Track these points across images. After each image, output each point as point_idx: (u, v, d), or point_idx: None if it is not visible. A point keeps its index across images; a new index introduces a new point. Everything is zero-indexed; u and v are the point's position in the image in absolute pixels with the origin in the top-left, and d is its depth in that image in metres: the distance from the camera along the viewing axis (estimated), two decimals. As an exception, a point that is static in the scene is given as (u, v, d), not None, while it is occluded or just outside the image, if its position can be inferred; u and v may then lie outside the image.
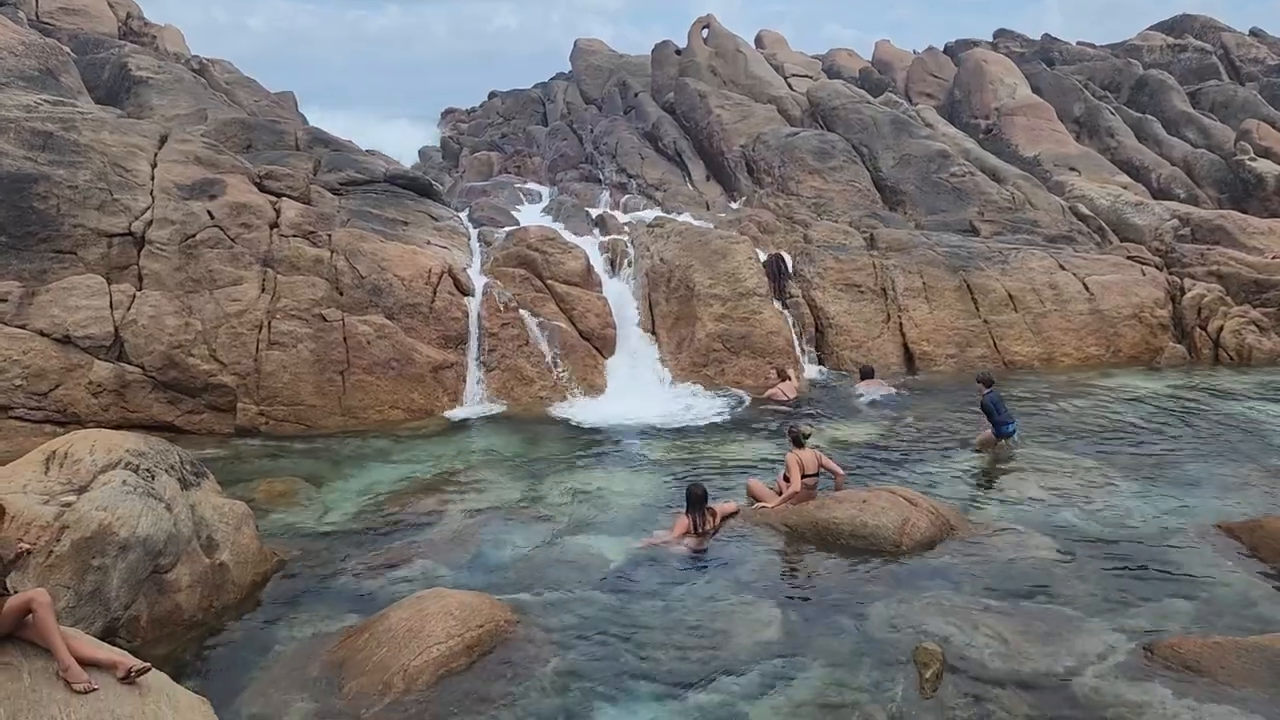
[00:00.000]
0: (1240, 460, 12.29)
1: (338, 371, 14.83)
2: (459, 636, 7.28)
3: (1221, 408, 14.86)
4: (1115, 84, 34.33)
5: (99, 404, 13.64)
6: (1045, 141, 28.69)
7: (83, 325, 13.77)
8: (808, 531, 9.92)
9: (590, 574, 9.13)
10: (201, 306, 14.56)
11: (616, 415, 14.93)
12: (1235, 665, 6.88)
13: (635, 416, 14.85)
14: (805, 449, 10.98)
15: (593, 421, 14.70)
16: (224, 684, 7.19)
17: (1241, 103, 31.89)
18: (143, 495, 8.00)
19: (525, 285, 16.75)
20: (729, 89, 32.50)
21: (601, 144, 33.16)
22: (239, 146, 20.77)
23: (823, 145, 27.27)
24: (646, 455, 13.07)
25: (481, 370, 15.81)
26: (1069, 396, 15.85)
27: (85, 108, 18.40)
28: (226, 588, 8.57)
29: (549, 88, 48.05)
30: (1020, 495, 11.10)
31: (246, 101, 28.57)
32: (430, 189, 21.29)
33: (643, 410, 15.15)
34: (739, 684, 7.05)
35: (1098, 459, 12.35)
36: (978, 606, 8.09)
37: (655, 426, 14.38)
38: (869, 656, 7.39)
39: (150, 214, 15.08)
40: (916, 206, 25.36)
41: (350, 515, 10.87)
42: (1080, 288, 19.00)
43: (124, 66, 24.64)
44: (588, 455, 13.09)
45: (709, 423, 14.65)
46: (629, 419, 14.72)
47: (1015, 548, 9.47)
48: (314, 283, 15.28)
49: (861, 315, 18.39)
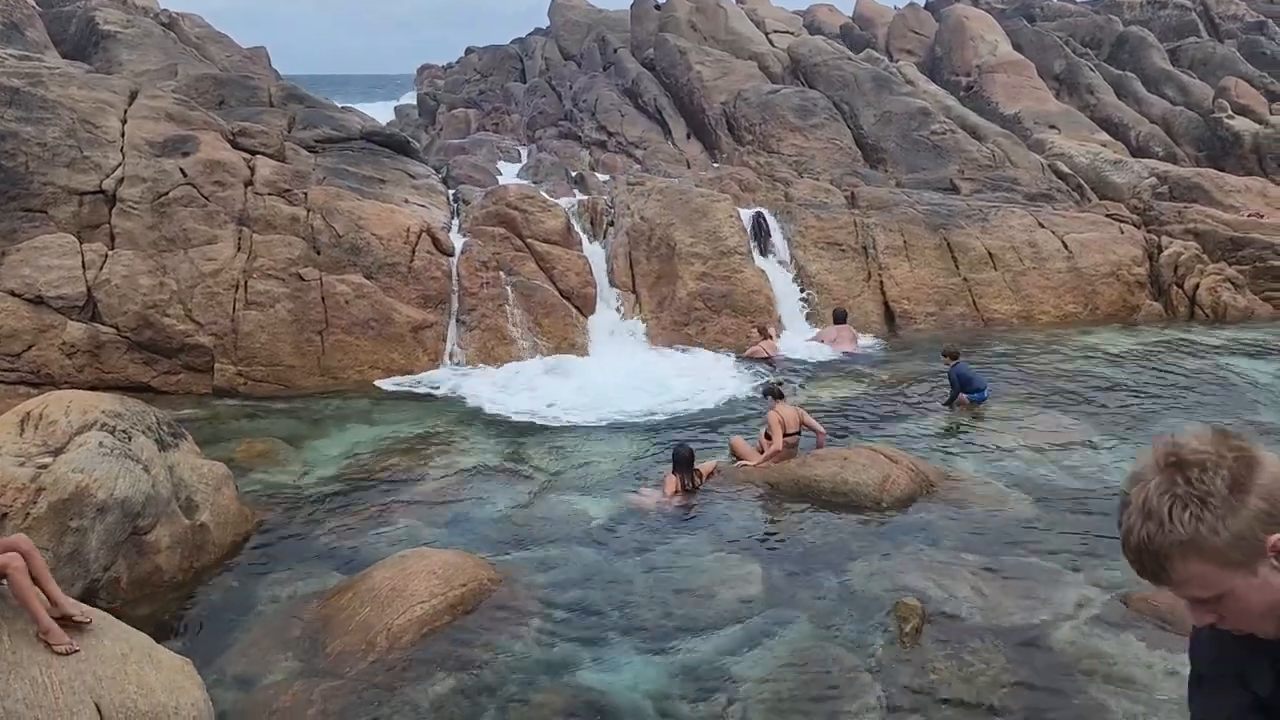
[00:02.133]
0: (1214, 415, 12.44)
1: (316, 331, 14.70)
2: (442, 595, 7.30)
3: (1197, 364, 15.01)
4: (1096, 40, 34.23)
5: (73, 365, 13.47)
6: (1025, 99, 28.61)
7: (55, 285, 13.56)
8: (789, 489, 9.98)
9: (573, 532, 9.17)
10: (176, 266, 14.36)
11: (597, 374, 14.90)
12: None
13: (616, 375, 14.83)
14: (787, 406, 11.02)
15: (572, 380, 14.66)
16: (206, 644, 7.19)
17: (1220, 60, 31.88)
18: (120, 457, 7.93)
19: (505, 244, 16.62)
20: (709, 45, 32.16)
21: (581, 101, 32.82)
22: (211, 103, 20.38)
23: (804, 103, 27.08)
24: (627, 414, 13.07)
25: (461, 330, 15.72)
26: (1047, 354, 15.96)
27: (53, 63, 17.99)
28: (207, 548, 8.54)
29: (527, 44, 47.43)
30: (999, 451, 11.19)
31: (218, 57, 28.01)
32: (407, 146, 21.02)
33: (623, 369, 15.13)
34: (722, 639, 7.11)
35: (1075, 415, 12.47)
36: (956, 561, 8.19)
37: (635, 385, 14.36)
38: (850, 611, 7.47)
39: (121, 172, 14.81)
40: (897, 164, 25.29)
41: (331, 475, 10.84)
42: (1059, 246, 19.05)
43: (91, 20, 24.06)
44: (569, 414, 13.07)
45: (689, 382, 14.64)
46: (609, 377, 14.69)
47: (993, 503, 9.57)
48: (290, 242, 15.10)
49: (842, 274, 18.38)
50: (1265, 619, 1.81)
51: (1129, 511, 1.82)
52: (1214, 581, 1.78)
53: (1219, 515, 1.73)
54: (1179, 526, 1.75)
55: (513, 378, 14.65)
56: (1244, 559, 1.75)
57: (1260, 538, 1.73)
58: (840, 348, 16.30)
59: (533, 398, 13.69)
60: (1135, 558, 1.84)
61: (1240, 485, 1.74)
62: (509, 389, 14.14)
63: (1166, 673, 6.45)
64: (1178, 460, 1.78)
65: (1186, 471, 1.76)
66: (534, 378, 14.62)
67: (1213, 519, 1.73)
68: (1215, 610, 1.83)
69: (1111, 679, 6.46)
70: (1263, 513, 1.73)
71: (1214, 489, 1.74)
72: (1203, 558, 1.76)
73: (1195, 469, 1.76)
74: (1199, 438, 1.80)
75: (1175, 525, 1.75)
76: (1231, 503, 1.73)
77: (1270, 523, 1.73)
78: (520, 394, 13.89)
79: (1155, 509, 1.78)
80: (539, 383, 14.38)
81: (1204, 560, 1.76)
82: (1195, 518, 1.74)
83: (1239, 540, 1.73)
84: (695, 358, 15.91)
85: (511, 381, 14.48)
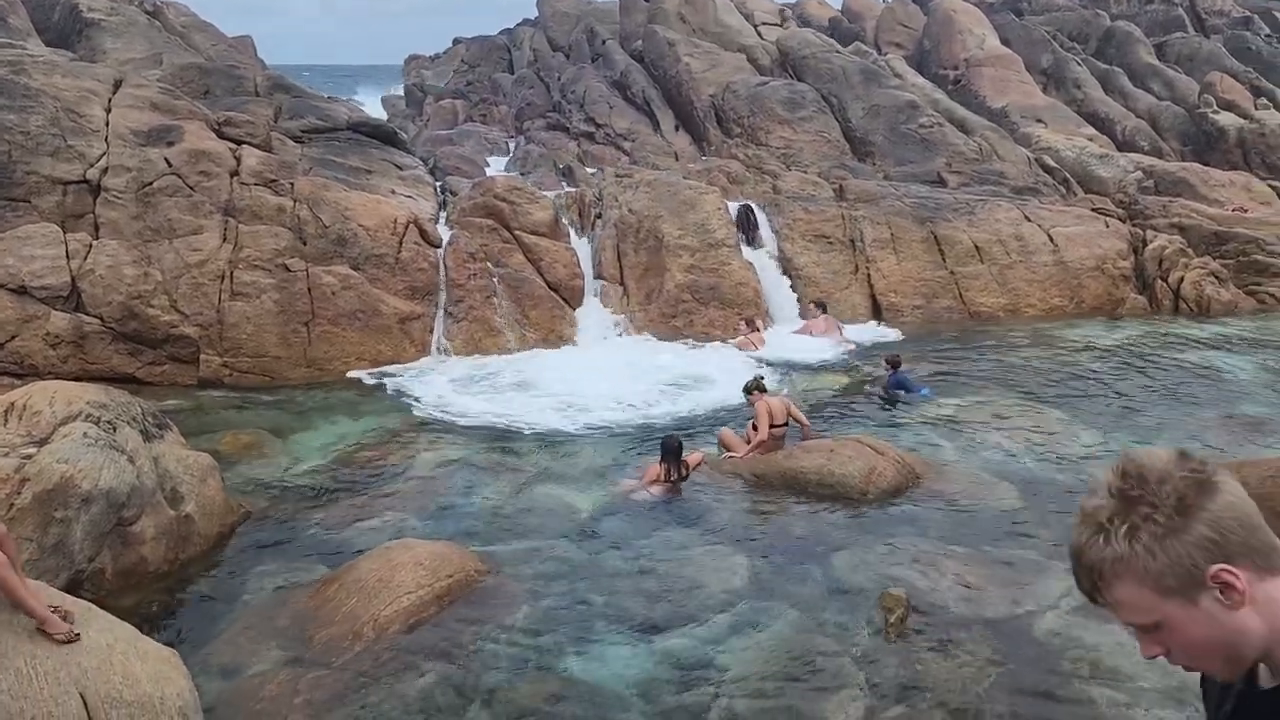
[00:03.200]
0: (1197, 408, 12.54)
1: (302, 323, 14.65)
2: (429, 586, 7.29)
3: (1180, 357, 15.11)
4: (1083, 35, 34.36)
5: (57, 355, 13.39)
6: (1013, 93, 28.72)
7: (39, 275, 13.47)
8: (776, 480, 10.01)
9: (560, 523, 9.17)
10: (161, 256, 14.28)
11: (584, 365, 14.89)
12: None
13: (603, 366, 14.83)
14: (775, 398, 11.06)
15: (561, 372, 14.65)
16: (192, 635, 7.17)
17: (1206, 55, 32.06)
18: (105, 447, 7.88)
19: (492, 236, 16.58)
20: (698, 37, 32.13)
21: (569, 93, 32.75)
22: (196, 92, 20.24)
23: (792, 95, 27.10)
24: (614, 404, 13.08)
25: (449, 321, 15.69)
26: (1033, 347, 16.04)
27: (35, 50, 17.82)
28: (192, 540, 8.50)
29: (515, 34, 47.27)
30: (984, 443, 11.25)
31: (203, 46, 27.81)
32: (394, 137, 20.94)
33: (611, 360, 15.13)
34: (708, 630, 7.14)
35: (1060, 407, 12.54)
36: (942, 552, 8.23)
37: (623, 376, 14.36)
38: (835, 602, 7.50)
39: (105, 161, 14.70)
40: (885, 157, 25.35)
41: (317, 466, 10.81)
42: (1045, 239, 19.13)
43: (75, 8, 23.85)
44: (557, 405, 13.06)
45: (677, 373, 14.66)
46: (597, 368, 14.69)
47: (979, 494, 9.62)
48: (277, 232, 15.02)
49: (830, 266, 18.42)
50: (1210, 658, 1.70)
51: (1076, 523, 1.76)
52: (1148, 607, 1.68)
53: (1158, 537, 1.64)
54: (1116, 543, 1.67)
55: (486, 373, 14.61)
56: (1181, 587, 1.65)
57: (1200, 566, 1.63)
58: (829, 337, 16.33)
59: (512, 396, 13.63)
60: (1075, 571, 1.77)
61: (1187, 509, 1.64)
62: (488, 385, 14.11)
63: (1150, 662, 6.50)
64: (1129, 475, 1.69)
65: (1135, 488, 1.68)
66: (517, 371, 14.59)
67: (1150, 540, 1.64)
68: (1159, 641, 1.72)
69: (1096, 668, 6.51)
70: (1207, 540, 1.63)
71: (1159, 509, 1.65)
72: (1137, 579, 1.67)
73: (1144, 486, 1.67)
74: (1158, 455, 1.72)
75: (1113, 541, 1.67)
76: (1174, 525, 1.64)
77: (1214, 552, 1.63)
78: (500, 393, 13.83)
79: (1098, 522, 1.70)
80: (521, 378, 14.34)
81: (1138, 582, 1.67)
82: (1132, 534, 1.66)
83: (1176, 566, 1.64)
84: (683, 350, 15.91)
85: (491, 375, 14.45)
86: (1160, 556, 1.65)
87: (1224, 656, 1.69)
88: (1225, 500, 1.66)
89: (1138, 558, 1.66)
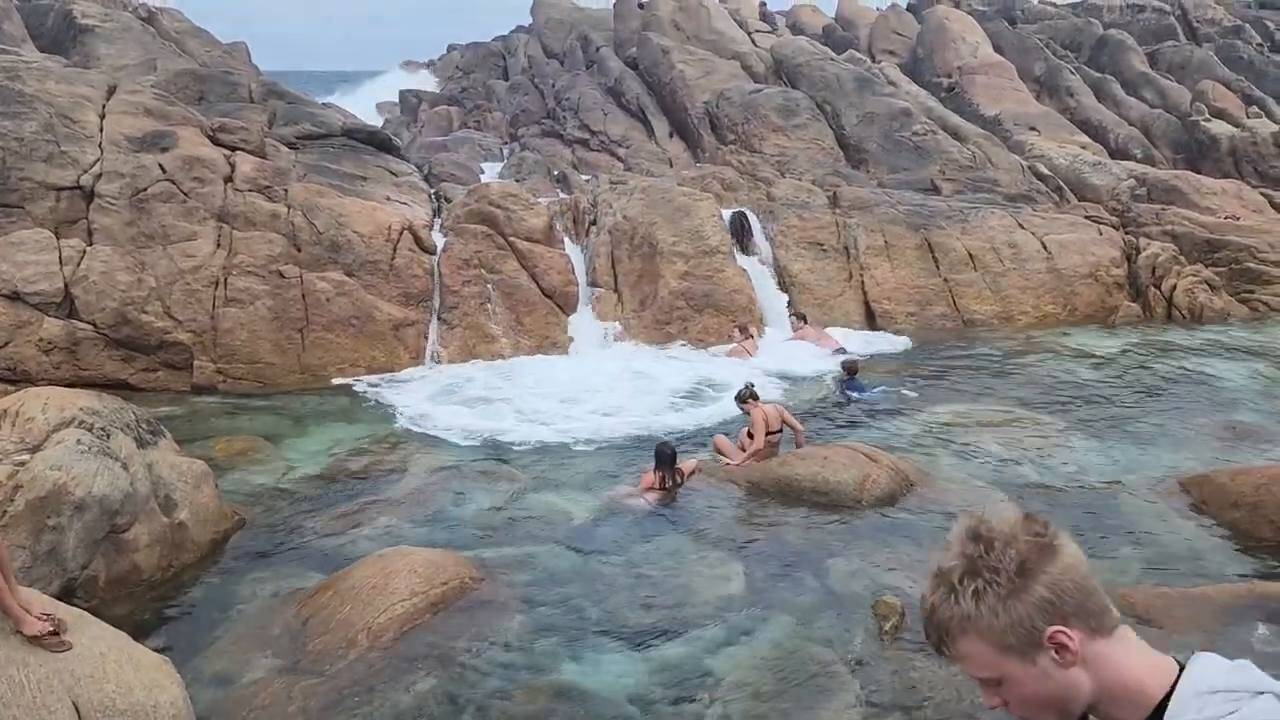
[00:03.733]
0: (1191, 416, 12.58)
1: (296, 329, 14.63)
2: (423, 593, 7.28)
3: (1174, 365, 15.17)
4: (1076, 43, 34.48)
5: (50, 362, 13.35)
6: (1006, 101, 28.80)
7: (31, 281, 13.43)
8: (770, 488, 10.01)
9: (555, 530, 9.17)
10: (155, 262, 14.25)
11: (578, 372, 14.89)
12: (1183, 615, 7.09)
13: (597, 372, 14.83)
14: (769, 405, 11.08)
15: (556, 378, 14.65)
16: (185, 643, 7.14)
17: (1198, 64, 32.19)
18: (98, 454, 7.86)
19: (487, 242, 16.58)
20: (692, 44, 32.19)
21: (563, 99, 32.77)
22: (190, 98, 20.22)
23: (786, 103, 27.15)
24: (609, 411, 13.07)
25: (443, 328, 15.68)
26: (1027, 354, 16.09)
27: (29, 56, 17.80)
28: (186, 547, 8.48)
29: (509, 41, 47.32)
30: (978, 451, 11.27)
31: (197, 52, 27.78)
32: (389, 143, 20.93)
33: (605, 366, 15.13)
34: (702, 637, 7.14)
35: (1054, 415, 12.57)
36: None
37: (616, 383, 14.36)
38: (829, 609, 7.51)
39: (99, 167, 14.67)
40: (879, 165, 25.40)
41: (311, 473, 10.79)
42: (1038, 247, 19.19)
43: (68, 14, 23.83)
44: (551, 413, 13.05)
45: (669, 380, 14.66)
46: (591, 375, 14.69)
47: (973, 502, 9.61)
48: (271, 239, 15.01)
49: (824, 273, 18.45)
50: (1044, 711, 1.78)
51: (929, 580, 1.82)
52: (990, 663, 1.76)
53: (1000, 596, 1.72)
54: (962, 601, 1.74)
55: (480, 379, 14.60)
56: (1020, 646, 1.73)
57: (1039, 627, 1.71)
58: (821, 345, 16.33)
59: (507, 403, 13.63)
60: (925, 626, 1.84)
61: (1028, 570, 1.72)
62: (482, 392, 14.10)
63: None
64: (977, 535, 1.77)
65: (982, 547, 1.75)
66: (512, 378, 14.58)
67: (994, 599, 1.72)
68: (999, 694, 1.80)
69: (1088, 676, 6.52)
70: (1045, 602, 1.71)
71: (1001, 569, 1.72)
72: (980, 637, 1.75)
73: (990, 546, 1.75)
74: (1005, 518, 1.80)
75: (960, 599, 1.75)
76: (1015, 586, 1.71)
77: (1051, 614, 1.71)
78: (494, 400, 13.82)
79: (949, 582, 1.77)
80: (513, 386, 14.33)
81: (981, 639, 1.75)
82: (978, 595, 1.73)
83: (1017, 626, 1.72)
84: (677, 357, 15.91)
85: (484, 381, 14.44)
86: (1003, 617, 1.73)
87: (1057, 710, 1.78)
88: (1064, 564, 1.74)
89: (982, 617, 1.74)
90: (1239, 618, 7.04)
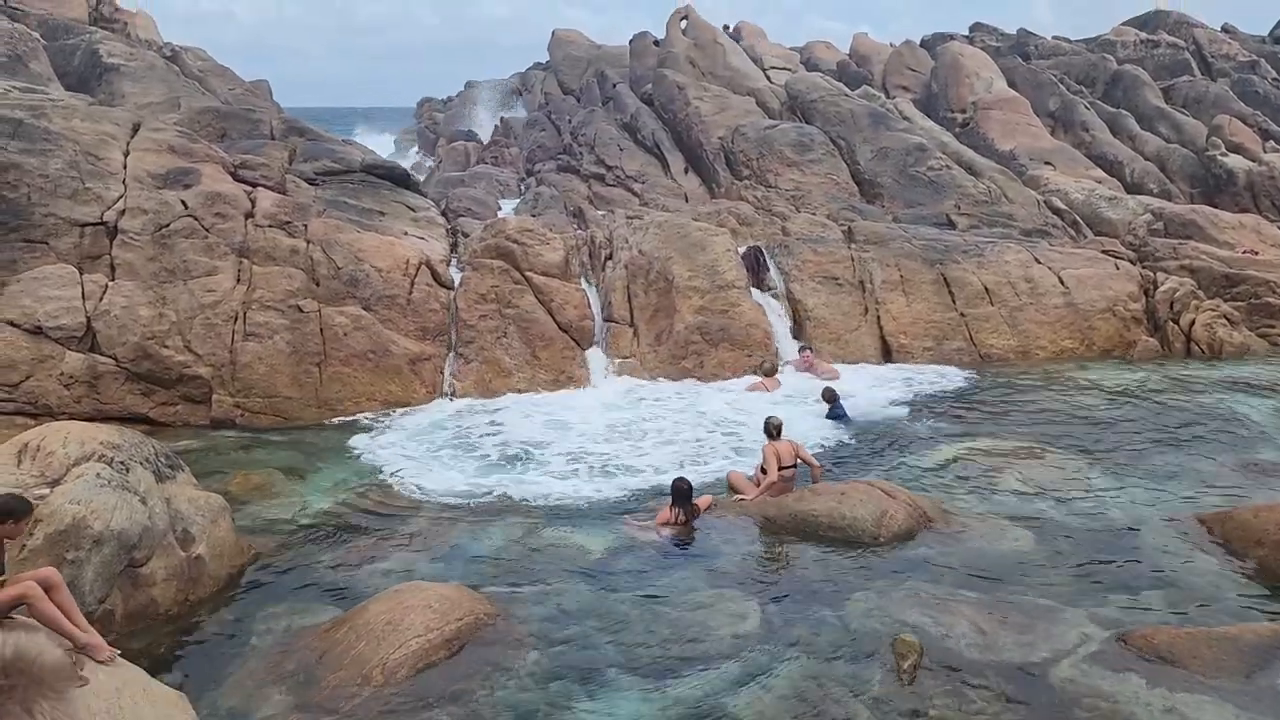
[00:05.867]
0: (1212, 452, 12.44)
1: (314, 363, 14.71)
2: (438, 630, 7.25)
3: (1194, 400, 15.03)
4: (1090, 79, 34.60)
5: (71, 395, 13.46)
6: (1021, 135, 28.89)
7: (54, 316, 13.58)
8: (786, 523, 9.95)
9: (569, 566, 9.13)
10: (176, 297, 14.40)
11: (593, 405, 14.89)
12: (1207, 655, 6.97)
13: (611, 405, 14.83)
14: (782, 440, 11.03)
15: (570, 413, 14.64)
16: (201, 678, 7.13)
17: (1213, 99, 32.23)
18: (117, 488, 7.91)
19: (503, 276, 16.67)
20: (707, 81, 32.49)
21: (580, 135, 33.07)
22: (213, 135, 20.53)
23: (801, 138, 27.33)
24: (623, 445, 13.05)
25: (459, 362, 15.74)
26: (1044, 389, 15.99)
27: (56, 95, 18.13)
28: (203, 581, 8.49)
29: (527, 78, 47.86)
30: (996, 487, 11.18)
31: (220, 90, 28.25)
32: (407, 179, 21.16)
33: (620, 400, 15.13)
34: (718, 676, 7.07)
35: (1073, 451, 12.46)
36: (955, 597, 8.16)
37: (632, 416, 14.34)
38: (847, 648, 7.43)
39: (123, 203, 14.88)
40: (894, 199, 25.49)
41: (327, 507, 10.80)
42: (1055, 281, 19.14)
43: (95, 53, 24.30)
44: (565, 446, 13.04)
45: (677, 413, 14.63)
46: (605, 409, 14.68)
47: (992, 539, 9.55)
48: (290, 273, 15.15)
49: (839, 308, 18.45)
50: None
51: None
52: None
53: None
54: None
55: (494, 414, 14.62)
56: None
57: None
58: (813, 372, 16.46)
59: (524, 437, 13.65)
60: None
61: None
62: (497, 427, 14.12)
63: (1165, 710, 6.42)
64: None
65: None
66: (526, 414, 14.60)
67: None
68: None
69: (1111, 718, 6.42)
70: None
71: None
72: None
73: None
74: None
75: None
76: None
77: None
78: (510, 434, 13.84)
79: None
80: (530, 421, 14.35)
81: None
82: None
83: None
84: (693, 392, 15.88)
85: (498, 416, 14.46)
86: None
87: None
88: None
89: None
90: (1266, 659, 6.92)
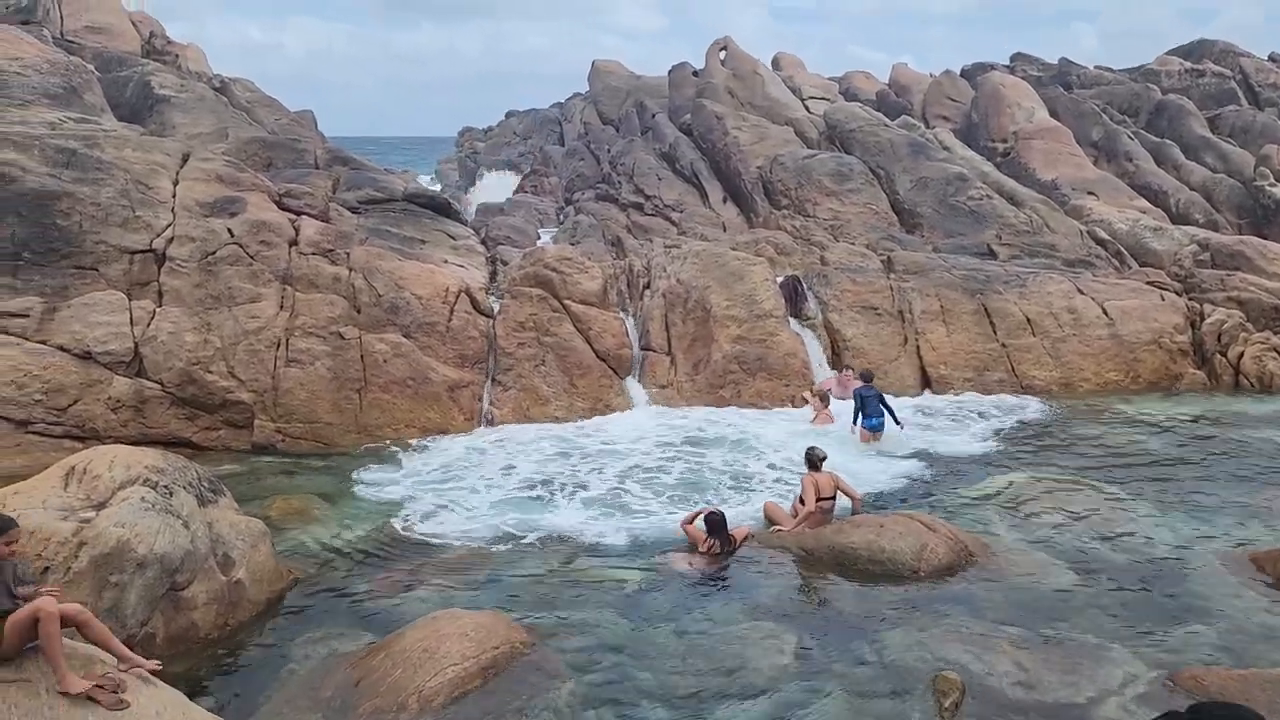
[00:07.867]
0: (1261, 488, 12.16)
1: (354, 389, 14.87)
2: (475, 658, 7.24)
3: (1243, 435, 14.72)
4: (1134, 109, 34.25)
5: (118, 420, 13.70)
6: (1063, 165, 28.61)
7: (103, 341, 13.86)
8: (824, 556, 9.85)
9: (606, 596, 9.10)
10: (220, 323, 14.64)
11: (631, 434, 14.88)
12: (1260, 699, 6.77)
13: (651, 434, 14.80)
14: (822, 472, 10.95)
15: (609, 442, 14.64)
16: (239, 702, 7.18)
17: (1261, 128, 31.75)
18: (161, 512, 8.02)
19: (542, 305, 16.77)
20: (746, 111, 32.61)
21: (619, 164, 33.31)
22: (259, 164, 20.93)
23: (840, 167, 27.29)
24: (661, 475, 13.02)
25: (497, 390, 15.82)
26: (1088, 422, 15.74)
27: (108, 125, 18.59)
28: (242, 605, 8.57)
29: (566, 107, 48.37)
30: (1040, 521, 11.00)
31: (267, 120, 28.80)
32: (448, 208, 21.41)
33: (658, 429, 15.11)
34: (755, 709, 6.99)
35: (1118, 485, 12.24)
36: (997, 634, 8.01)
37: (670, 443, 14.31)
38: (886, 684, 7.32)
39: (171, 231, 15.20)
40: (934, 229, 25.33)
41: (366, 533, 10.87)
42: (1099, 312, 18.89)
43: (147, 84, 24.91)
44: (604, 475, 13.03)
45: (717, 440, 14.56)
46: (643, 438, 14.66)
47: (1035, 574, 9.38)
48: (332, 300, 15.36)
49: (878, 338, 18.33)
50: None
51: None
52: None
53: None
54: None
55: (533, 442, 14.66)
56: None
57: None
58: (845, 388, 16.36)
59: (560, 466, 13.67)
60: None
61: None
62: (535, 455, 14.14)
63: (1217, 756, 6.23)
64: None
65: None
66: (565, 442, 14.62)
67: None
68: None
69: (1159, 761, 6.25)
70: None
71: None
72: None
73: None
74: None
75: None
76: None
77: None
78: (548, 463, 13.86)
79: None
80: (568, 449, 14.37)
81: None
82: None
83: None
84: (728, 421, 15.81)
85: (538, 444, 14.50)
86: None
87: None
88: None
89: None
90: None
